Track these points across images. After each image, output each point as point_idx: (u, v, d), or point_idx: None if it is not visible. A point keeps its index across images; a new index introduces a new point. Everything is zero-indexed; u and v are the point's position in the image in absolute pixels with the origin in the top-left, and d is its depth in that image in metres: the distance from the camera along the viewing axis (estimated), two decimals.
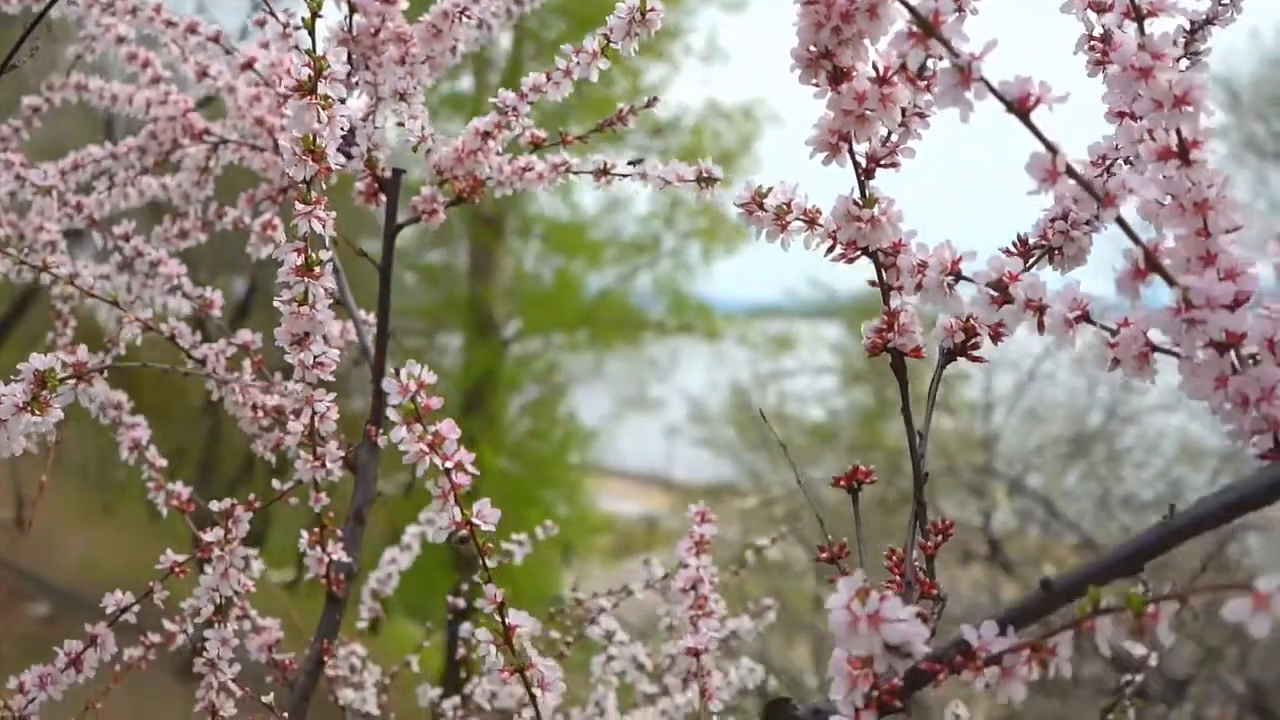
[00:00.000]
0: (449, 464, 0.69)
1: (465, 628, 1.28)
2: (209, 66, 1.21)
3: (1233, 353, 0.58)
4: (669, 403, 11.33)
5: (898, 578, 0.71)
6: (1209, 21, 0.82)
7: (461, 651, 1.56)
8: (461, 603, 1.69)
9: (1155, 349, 0.61)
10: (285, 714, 1.03)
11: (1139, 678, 1.19)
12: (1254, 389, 0.56)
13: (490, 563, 0.74)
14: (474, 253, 11.52)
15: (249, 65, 1.05)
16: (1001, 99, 0.57)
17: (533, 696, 0.73)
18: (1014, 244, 0.77)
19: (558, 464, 11.46)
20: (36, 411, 0.74)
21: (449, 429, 0.70)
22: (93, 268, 1.31)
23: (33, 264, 1.05)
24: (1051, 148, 0.57)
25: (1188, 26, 0.81)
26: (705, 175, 0.94)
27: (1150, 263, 0.58)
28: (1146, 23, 0.64)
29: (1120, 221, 0.58)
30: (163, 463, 1.17)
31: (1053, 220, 0.77)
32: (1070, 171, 0.57)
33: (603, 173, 1.05)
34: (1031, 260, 0.77)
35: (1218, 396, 0.57)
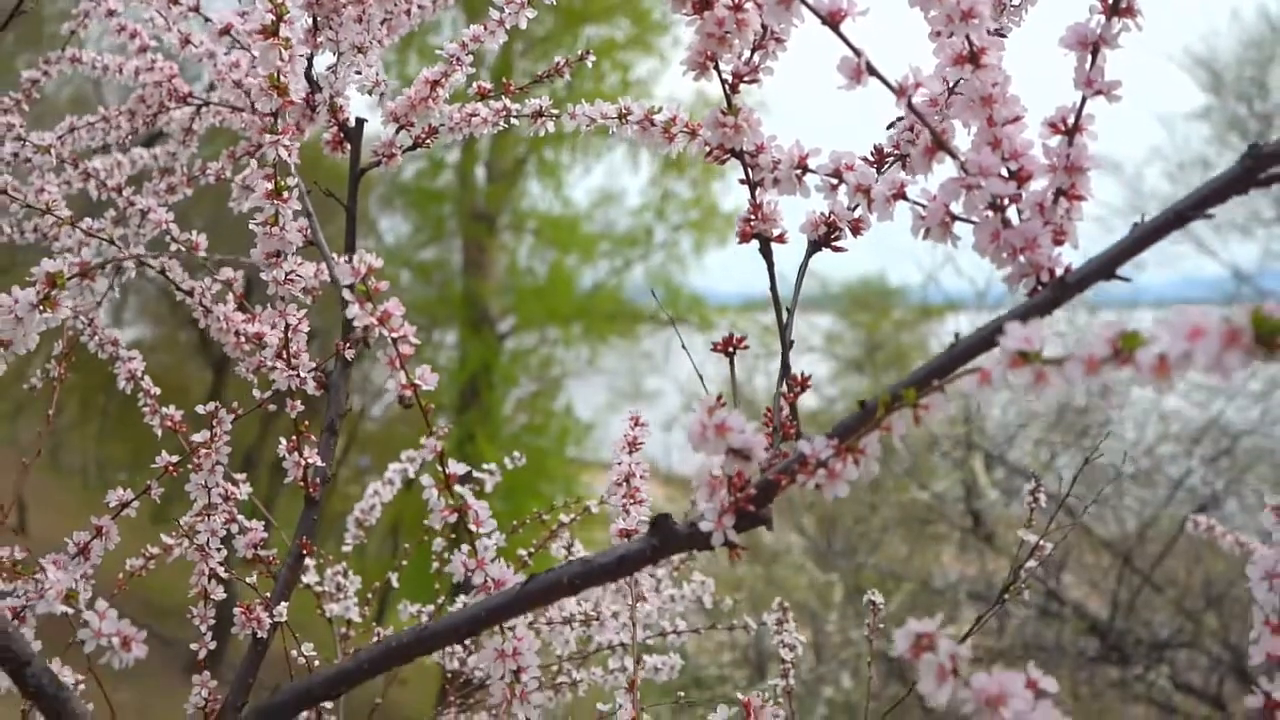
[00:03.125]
0: (396, 335, 0.83)
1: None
2: (191, 35, 1.35)
3: (1009, 213, 0.72)
4: (664, 394, 11.46)
5: (769, 427, 0.85)
6: None
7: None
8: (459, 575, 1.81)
9: (955, 218, 0.75)
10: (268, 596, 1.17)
11: (1031, 563, 1.33)
12: (1019, 240, 0.70)
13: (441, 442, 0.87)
14: (468, 249, 11.66)
15: (226, 31, 1.18)
16: (816, 13, 0.71)
17: (470, 533, 0.87)
18: (871, 152, 0.91)
19: (555, 458, 11.59)
20: (47, 308, 0.88)
21: (395, 306, 0.84)
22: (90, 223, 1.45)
23: (37, 206, 1.18)
24: (857, 51, 0.71)
25: None
26: (624, 113, 1.07)
27: (937, 142, 0.72)
28: None
29: (912, 109, 0.72)
30: (157, 391, 1.31)
31: (903, 131, 0.91)
32: (871, 70, 0.71)
33: (538, 115, 1.19)
34: (887, 165, 0.91)
35: (993, 248, 0.71)
